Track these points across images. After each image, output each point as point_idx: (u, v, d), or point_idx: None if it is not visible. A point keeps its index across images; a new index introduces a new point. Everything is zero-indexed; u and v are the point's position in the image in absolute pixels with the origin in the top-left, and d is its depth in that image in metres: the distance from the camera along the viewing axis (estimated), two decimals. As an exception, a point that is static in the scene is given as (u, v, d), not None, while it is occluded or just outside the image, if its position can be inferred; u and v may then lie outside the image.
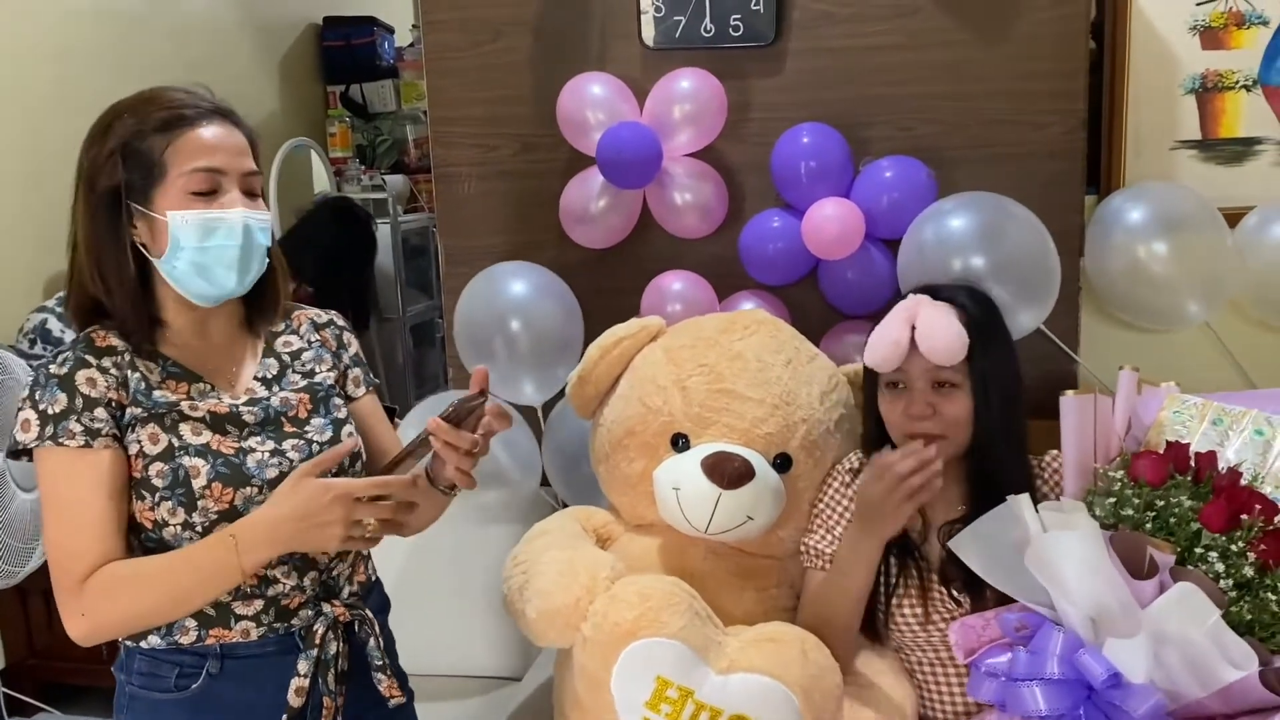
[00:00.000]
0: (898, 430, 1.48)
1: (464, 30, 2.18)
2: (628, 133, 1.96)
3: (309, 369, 1.40)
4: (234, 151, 1.27)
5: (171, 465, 1.25)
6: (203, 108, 1.28)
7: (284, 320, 1.43)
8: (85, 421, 1.23)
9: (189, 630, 1.30)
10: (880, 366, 1.47)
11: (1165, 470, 1.33)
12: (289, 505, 1.22)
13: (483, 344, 2.00)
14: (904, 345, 1.44)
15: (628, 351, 1.63)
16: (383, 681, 1.38)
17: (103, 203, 1.25)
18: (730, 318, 1.64)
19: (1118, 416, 1.46)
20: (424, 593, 2.25)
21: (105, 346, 1.28)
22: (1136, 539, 1.27)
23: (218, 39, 3.93)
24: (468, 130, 2.22)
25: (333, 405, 1.38)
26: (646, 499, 1.55)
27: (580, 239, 2.12)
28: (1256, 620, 1.25)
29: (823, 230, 1.92)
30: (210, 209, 1.25)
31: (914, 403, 1.45)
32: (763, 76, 2.10)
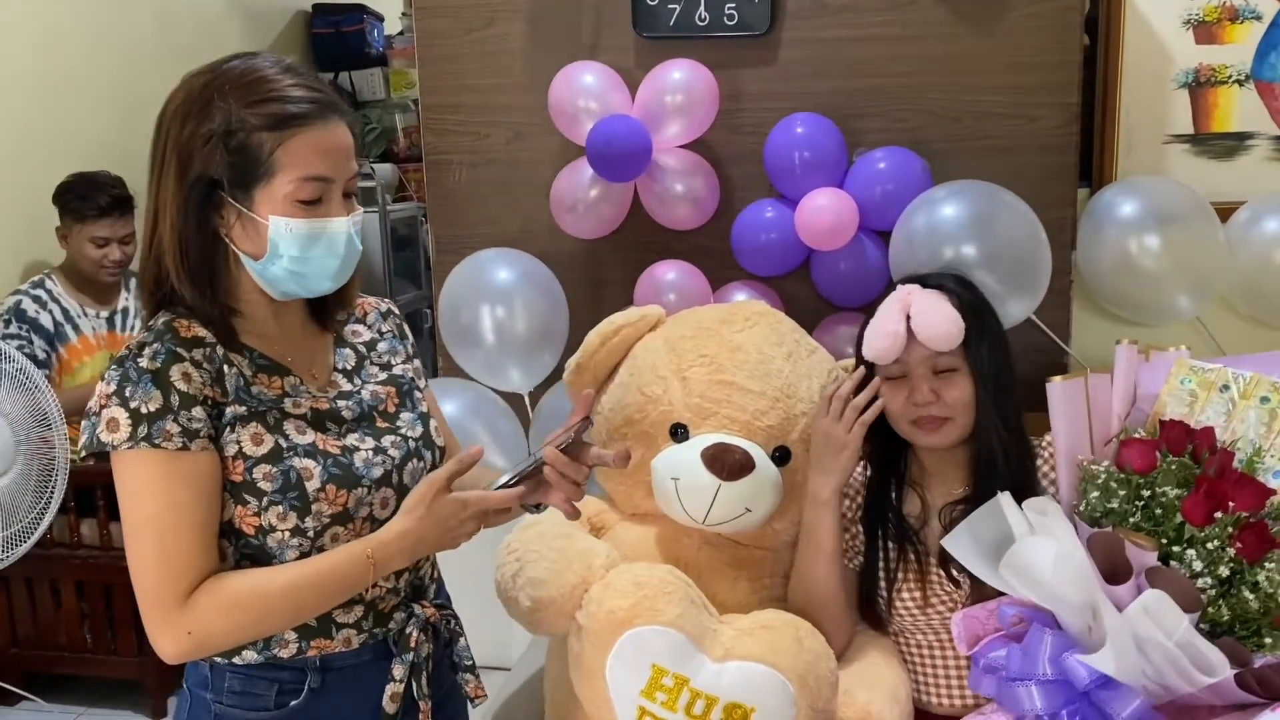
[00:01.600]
0: (901, 419, 1.48)
1: (456, 16, 2.16)
2: (617, 126, 1.95)
3: (386, 361, 1.34)
4: (345, 156, 1.19)
5: (281, 467, 1.17)
6: (318, 103, 1.17)
7: (347, 309, 1.35)
8: (183, 421, 1.13)
9: (288, 644, 1.22)
10: (880, 359, 1.47)
11: (1153, 457, 1.32)
12: (429, 522, 1.19)
13: (469, 330, 1.99)
14: (902, 336, 1.44)
15: (627, 340, 1.62)
16: (470, 681, 1.34)
17: (196, 188, 1.15)
18: (731, 309, 1.63)
19: (1116, 394, 1.46)
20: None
21: (192, 338, 1.18)
22: (1114, 539, 1.27)
23: (205, 24, 3.90)
24: (459, 118, 2.21)
25: (417, 399, 1.34)
26: (643, 488, 1.54)
27: (571, 229, 2.11)
28: (1236, 619, 1.24)
29: (816, 221, 1.91)
30: (315, 218, 1.17)
31: (916, 390, 1.46)
32: (757, 66, 2.09)
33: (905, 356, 1.46)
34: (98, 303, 2.88)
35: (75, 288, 2.85)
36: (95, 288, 2.88)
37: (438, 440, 1.33)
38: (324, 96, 1.19)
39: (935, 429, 1.46)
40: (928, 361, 1.46)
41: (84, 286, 2.86)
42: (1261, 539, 1.24)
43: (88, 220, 2.81)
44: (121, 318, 2.91)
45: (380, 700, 1.24)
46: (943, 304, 1.44)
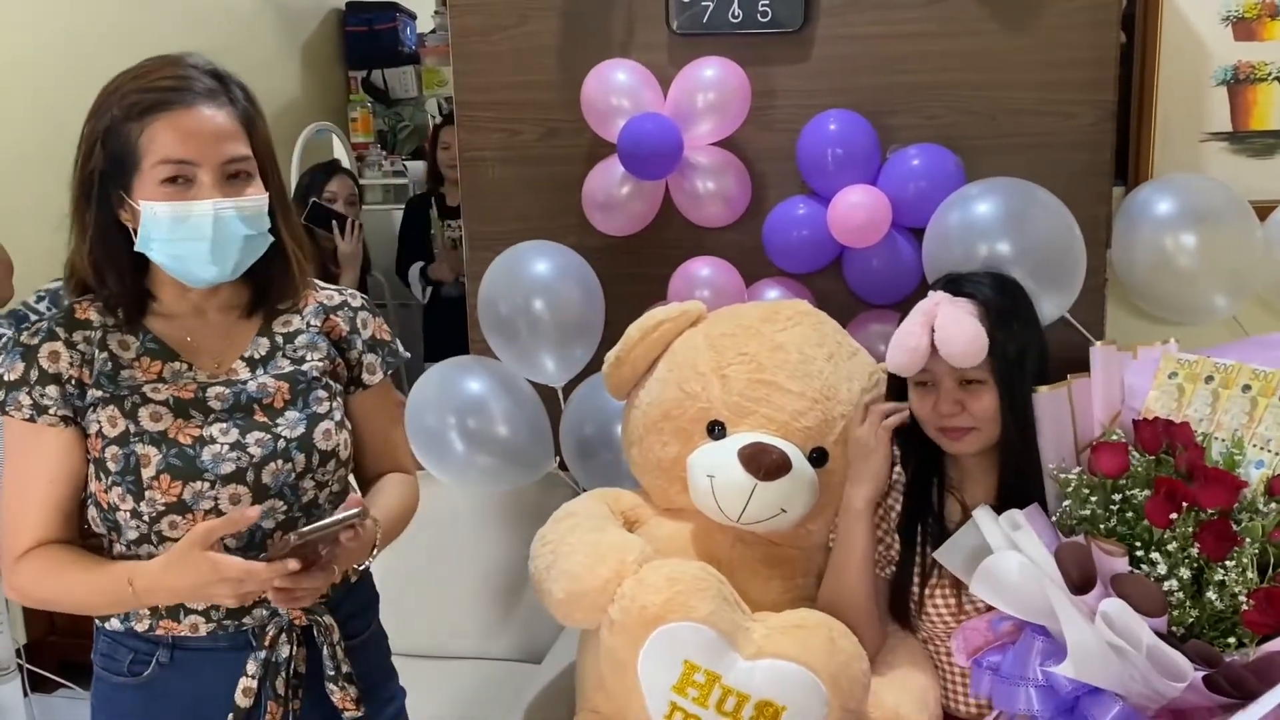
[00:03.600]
0: (929, 425, 1.48)
1: (490, 14, 2.17)
2: (649, 124, 1.95)
3: (300, 355, 1.34)
4: (210, 139, 1.21)
5: (125, 451, 1.23)
6: (190, 89, 1.22)
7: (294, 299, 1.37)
8: (35, 396, 1.23)
9: (143, 618, 1.29)
10: (902, 371, 1.48)
11: (1124, 459, 1.30)
12: (179, 572, 1.18)
13: (505, 323, 2.00)
14: (923, 350, 1.44)
15: (667, 335, 1.62)
16: (335, 693, 1.32)
17: (89, 182, 1.23)
18: (773, 307, 1.63)
19: (1095, 397, 1.44)
20: (444, 575, 2.26)
21: (83, 319, 1.27)
22: (1080, 548, 1.26)
23: (240, 23, 3.93)
24: (492, 115, 2.22)
25: (314, 398, 1.32)
26: (678, 484, 1.55)
27: (602, 225, 2.12)
28: (1206, 620, 1.22)
29: (849, 218, 1.91)
30: (180, 200, 1.20)
31: (941, 401, 1.46)
32: (789, 63, 2.09)
33: (932, 366, 1.46)
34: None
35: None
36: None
37: (323, 444, 1.31)
38: (191, 82, 1.23)
39: (960, 438, 1.46)
40: (953, 373, 1.45)
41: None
42: (1222, 537, 1.21)
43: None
44: None
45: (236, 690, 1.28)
46: (967, 320, 1.42)
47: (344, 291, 1.43)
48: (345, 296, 1.42)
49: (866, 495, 1.49)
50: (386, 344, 1.44)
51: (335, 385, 1.36)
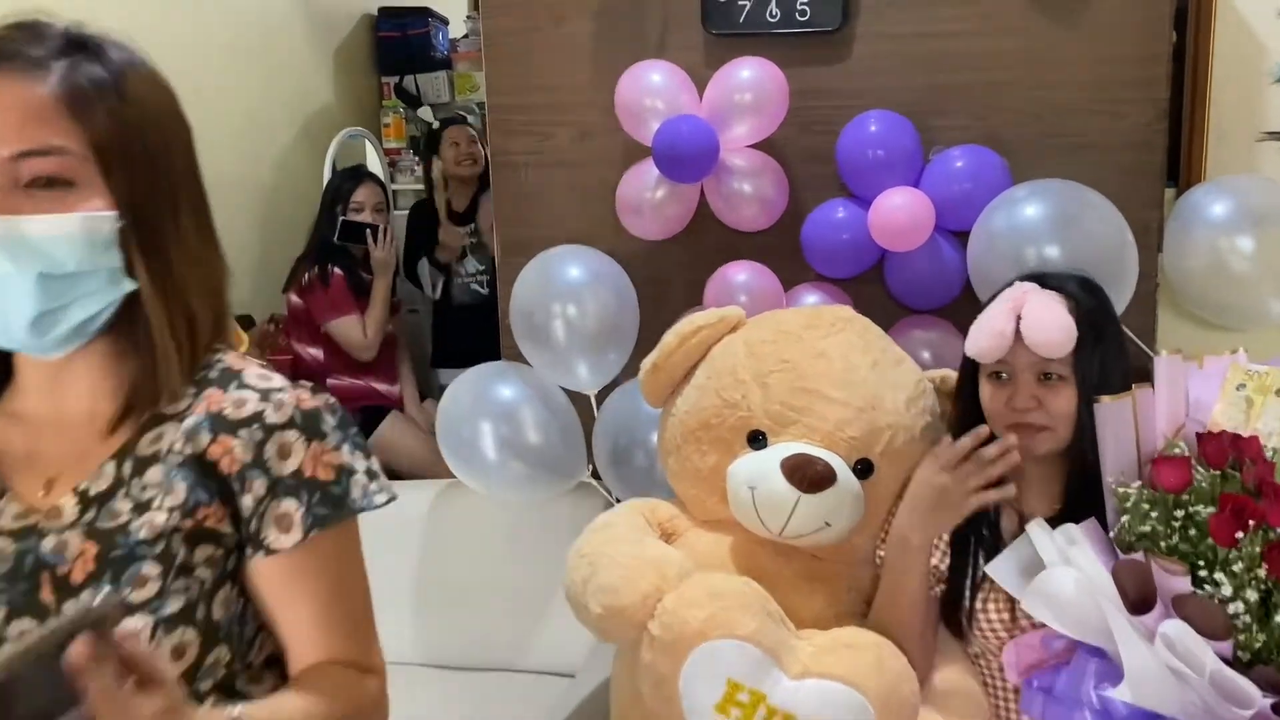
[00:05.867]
0: (999, 421, 1.42)
1: (523, 15, 2.15)
2: (684, 126, 1.91)
3: (144, 499, 0.88)
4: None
5: None
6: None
7: (189, 399, 0.91)
8: None
9: None
10: (983, 357, 1.41)
11: (1187, 474, 1.23)
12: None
13: (538, 328, 1.97)
14: (1008, 336, 1.37)
15: (706, 341, 1.58)
16: None
17: None
18: (815, 313, 1.58)
19: (1160, 409, 1.36)
20: (475, 584, 2.23)
21: None
22: (1139, 566, 1.19)
23: (272, 28, 3.93)
24: (525, 118, 2.19)
25: (132, 575, 0.85)
26: (718, 494, 1.50)
27: (636, 229, 2.08)
28: (1272, 645, 1.14)
29: (891, 221, 1.86)
30: None
31: (1018, 394, 1.39)
32: (829, 63, 2.04)
33: (1011, 358, 1.39)
34: None
35: None
36: None
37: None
38: (4, 44, 0.86)
39: (1031, 436, 1.39)
40: (1034, 366, 1.38)
41: None
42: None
43: None
44: None
45: None
46: (1057, 308, 1.36)
47: (273, 394, 0.91)
48: (267, 405, 0.90)
49: (928, 537, 1.41)
50: (322, 487, 0.90)
51: (187, 555, 0.87)
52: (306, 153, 3.99)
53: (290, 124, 3.98)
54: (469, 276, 3.64)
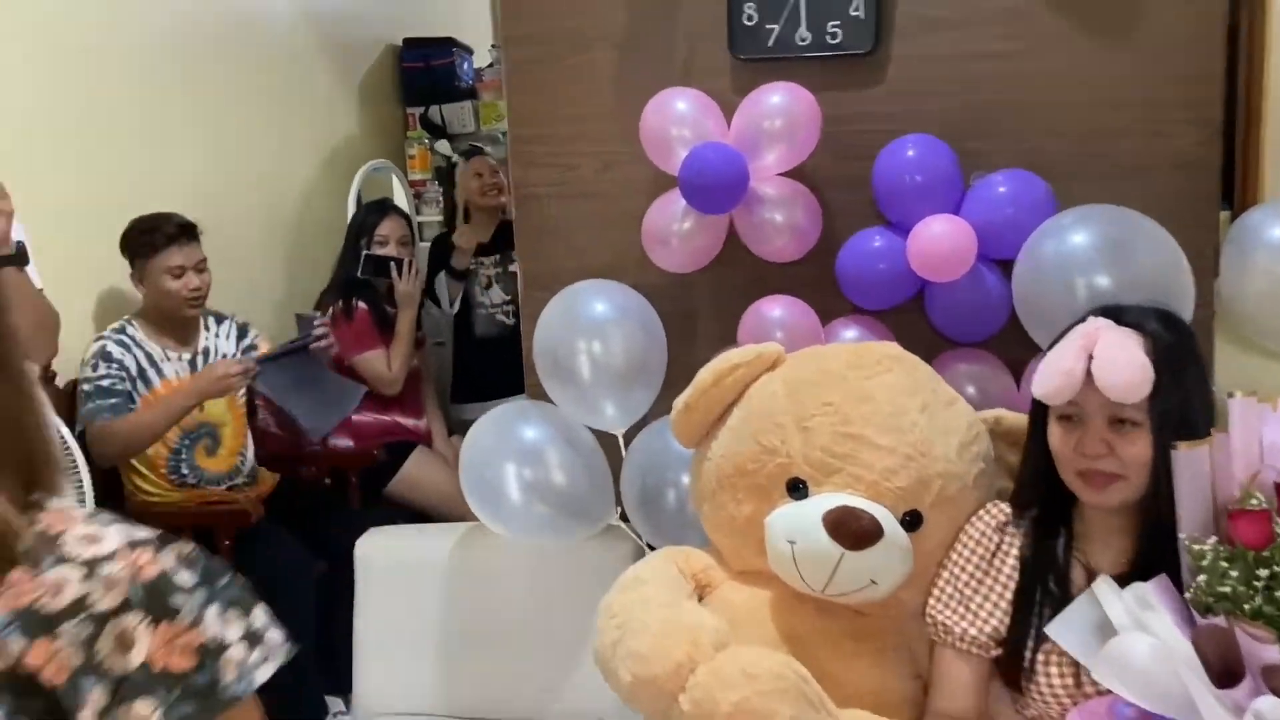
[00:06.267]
0: (1068, 467, 1.32)
1: (545, 44, 2.09)
2: (712, 154, 1.84)
3: None
4: None
5: None
6: None
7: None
8: None
9: None
10: (1050, 399, 1.31)
11: (1268, 529, 1.12)
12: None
13: (562, 366, 1.91)
14: (1078, 377, 1.27)
15: (742, 380, 1.49)
16: None
17: None
18: (859, 351, 1.49)
19: (1235, 457, 1.25)
20: (498, 630, 2.14)
21: None
22: (1223, 633, 1.09)
23: (299, 61, 3.92)
24: (548, 149, 2.13)
25: None
26: (754, 546, 1.41)
27: (663, 262, 2.01)
28: None
29: (931, 250, 1.77)
30: None
31: (1088, 439, 1.28)
32: (862, 87, 1.96)
33: (1081, 399, 1.28)
34: (179, 345, 2.82)
35: (156, 331, 2.78)
36: (176, 328, 2.81)
37: None
38: None
39: (1102, 486, 1.29)
40: (1106, 409, 1.28)
41: (164, 329, 2.79)
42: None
43: (159, 251, 2.72)
44: (204, 358, 2.86)
45: None
46: (1133, 349, 1.26)
47: (100, 567, 0.72)
48: (93, 585, 0.71)
49: None
50: (182, 679, 0.71)
51: None
52: (332, 186, 3.97)
53: (315, 157, 3.97)
54: (494, 307, 3.59)
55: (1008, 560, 1.40)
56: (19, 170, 2.45)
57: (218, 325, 2.92)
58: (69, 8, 2.82)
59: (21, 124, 2.63)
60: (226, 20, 3.50)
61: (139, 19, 3.09)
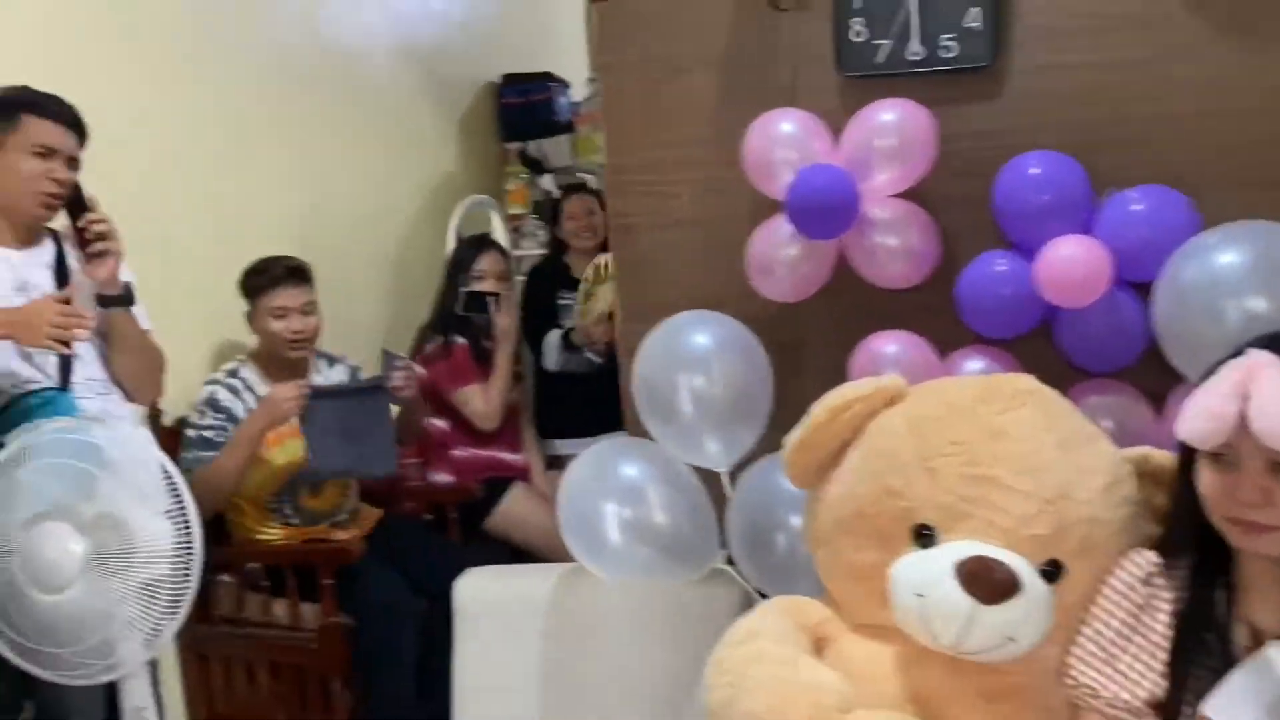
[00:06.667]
0: (1219, 511, 1.17)
1: (642, 70, 2.04)
2: (820, 176, 1.76)
3: None
4: None
5: None
6: None
7: None
8: None
9: None
10: (1199, 443, 1.18)
11: None
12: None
13: (663, 401, 1.84)
14: (1229, 420, 1.13)
15: (860, 416, 1.39)
16: None
17: None
18: (989, 384, 1.38)
19: None
20: (596, 678, 2.06)
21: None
22: None
23: (399, 99, 3.97)
24: (646, 177, 2.07)
25: None
26: (876, 597, 1.31)
27: (768, 291, 1.93)
28: None
29: (1061, 273, 1.65)
30: None
31: (1243, 486, 1.14)
32: (980, 101, 1.86)
33: (1235, 441, 1.15)
34: None
35: (267, 373, 2.79)
36: (286, 370, 2.82)
37: None
38: None
39: (1257, 535, 1.15)
40: (1263, 454, 1.14)
41: (275, 371, 2.80)
42: None
43: (266, 292, 2.76)
44: None
45: None
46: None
47: None
48: None
49: None
50: None
51: None
52: (431, 222, 4.00)
53: (416, 195, 4.00)
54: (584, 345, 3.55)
55: (1159, 615, 1.26)
56: (126, 209, 2.50)
57: (329, 367, 2.92)
58: (178, 52, 2.88)
59: (130, 164, 2.69)
60: (328, 59, 3.55)
61: (244, 58, 3.15)
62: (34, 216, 2.09)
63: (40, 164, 2.05)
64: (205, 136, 3.00)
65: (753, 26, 1.95)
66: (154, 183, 2.79)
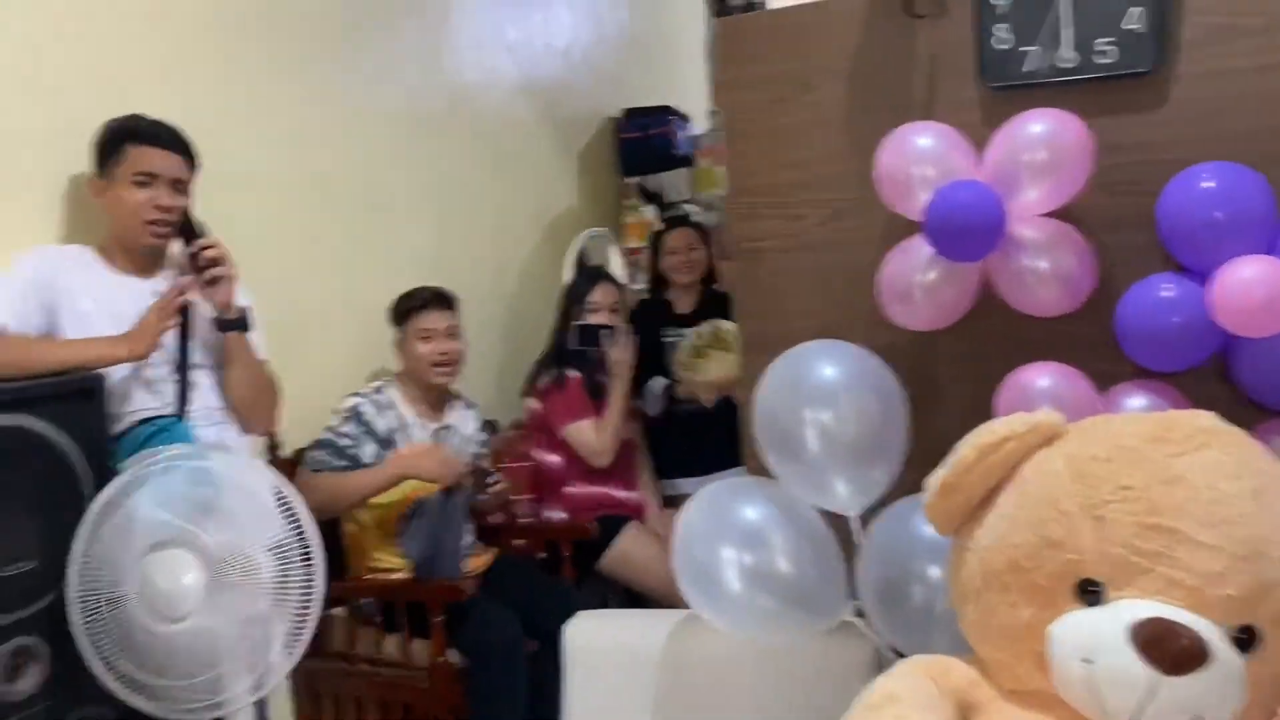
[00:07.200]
0: None
1: (767, 87, 1.94)
2: (963, 193, 1.62)
3: None
4: None
5: None
6: None
7: None
8: None
9: None
10: None
11: None
12: None
13: (786, 438, 1.72)
14: None
15: (1013, 456, 1.25)
16: None
17: None
18: (1164, 422, 1.22)
19: None
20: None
21: None
22: None
23: (521, 132, 3.99)
24: (770, 199, 1.97)
25: None
26: (1032, 660, 1.17)
27: (902, 319, 1.78)
28: None
29: (1240, 298, 1.46)
30: None
31: None
32: (1142, 110, 1.69)
33: None
34: (430, 414, 2.85)
35: (410, 398, 2.83)
36: (429, 397, 2.86)
37: None
38: None
39: None
40: None
41: (418, 396, 2.84)
42: None
43: (413, 316, 2.82)
44: (446, 433, 2.86)
45: None
46: None
47: None
48: None
49: None
50: None
51: None
52: (549, 256, 3.99)
53: (535, 229, 4.01)
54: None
55: None
56: (253, 239, 2.53)
57: (465, 409, 2.97)
58: (303, 85, 2.93)
59: (257, 197, 2.73)
60: (451, 94, 3.59)
61: (368, 95, 3.21)
62: (146, 245, 2.11)
63: (143, 192, 2.07)
64: (340, 175, 3.07)
65: (886, 36, 1.83)
66: (280, 217, 2.84)
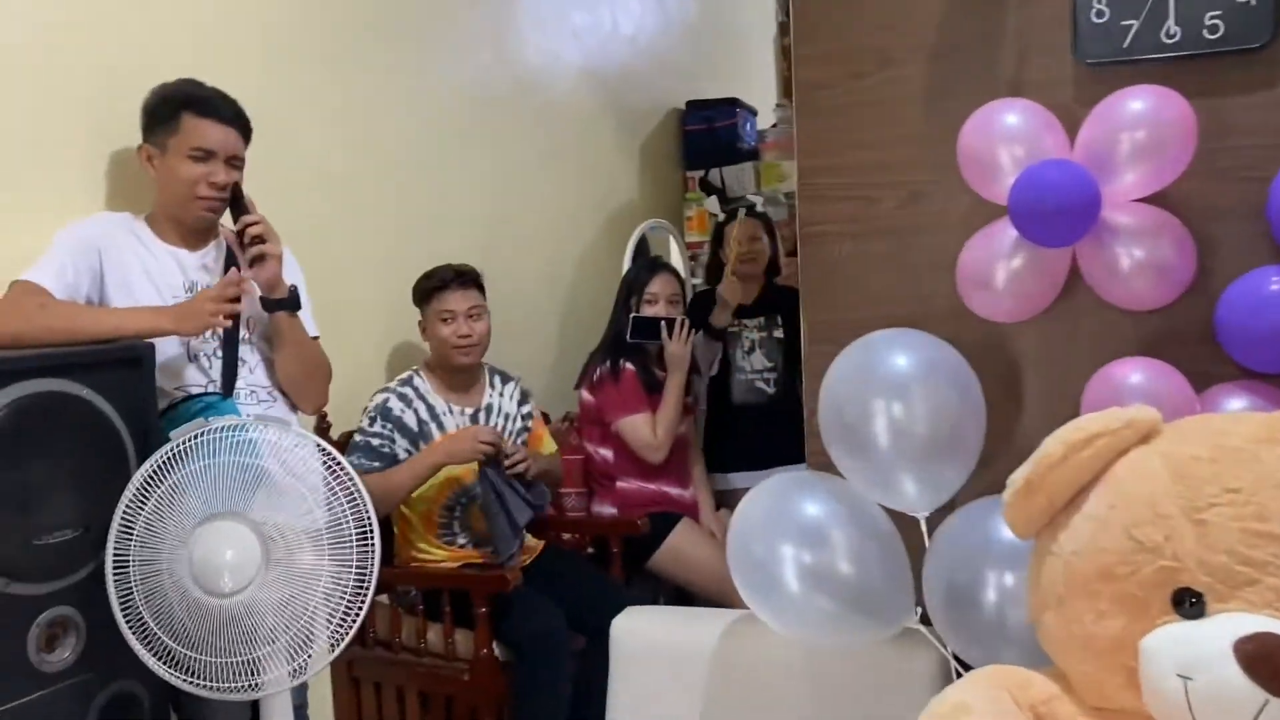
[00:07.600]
0: None
1: (843, 61, 1.84)
2: (1054, 173, 1.52)
3: None
4: None
5: None
6: None
7: None
8: None
9: None
10: None
11: None
12: None
13: (853, 432, 1.63)
14: None
15: (1103, 454, 1.17)
16: None
17: None
18: (1272, 423, 1.14)
19: None
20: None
21: None
22: None
23: (583, 123, 3.96)
24: (842, 180, 1.87)
25: None
26: (1122, 675, 1.10)
27: (983, 310, 1.69)
28: None
29: (1363, 293, 1.34)
30: None
31: None
32: (1252, 90, 1.57)
33: None
34: (463, 399, 2.80)
35: (441, 384, 2.78)
36: (460, 381, 2.80)
37: None
38: None
39: None
40: None
41: (448, 381, 2.79)
42: None
43: (433, 297, 2.76)
44: (485, 415, 2.80)
45: None
46: None
47: None
48: None
49: None
50: None
51: None
52: (609, 247, 3.95)
53: (595, 219, 3.97)
54: (754, 373, 3.35)
55: None
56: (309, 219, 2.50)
57: (503, 385, 2.89)
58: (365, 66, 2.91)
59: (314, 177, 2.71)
60: (514, 79, 3.57)
61: (430, 77, 3.18)
62: (196, 219, 2.08)
63: (198, 168, 2.03)
64: (400, 157, 3.04)
65: (974, 9, 1.73)
66: (342, 200, 2.83)
